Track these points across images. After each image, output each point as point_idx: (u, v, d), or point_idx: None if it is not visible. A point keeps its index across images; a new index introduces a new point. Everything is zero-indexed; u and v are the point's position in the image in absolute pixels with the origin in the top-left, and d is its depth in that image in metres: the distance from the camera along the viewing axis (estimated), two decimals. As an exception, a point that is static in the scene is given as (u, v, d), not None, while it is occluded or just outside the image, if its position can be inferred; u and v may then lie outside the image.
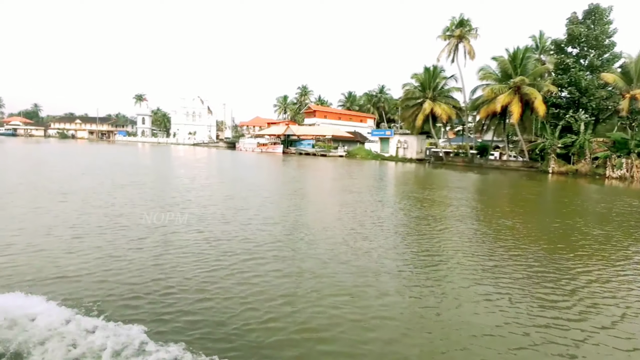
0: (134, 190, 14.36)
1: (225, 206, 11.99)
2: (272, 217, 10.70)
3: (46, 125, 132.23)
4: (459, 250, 7.94)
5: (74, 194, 12.79)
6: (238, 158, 46.02)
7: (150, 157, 43.22)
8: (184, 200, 12.60)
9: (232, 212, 10.90)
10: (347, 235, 8.86)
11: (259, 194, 15.20)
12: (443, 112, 40.21)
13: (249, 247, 7.48)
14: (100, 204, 11.31)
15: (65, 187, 14.18)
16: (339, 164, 40.98)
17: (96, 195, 12.89)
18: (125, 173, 21.46)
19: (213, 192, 15.22)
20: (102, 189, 14.43)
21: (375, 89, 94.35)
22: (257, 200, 13.36)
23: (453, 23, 38.98)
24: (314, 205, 13.75)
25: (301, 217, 11.02)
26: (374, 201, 14.67)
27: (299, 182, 22.24)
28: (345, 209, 12.41)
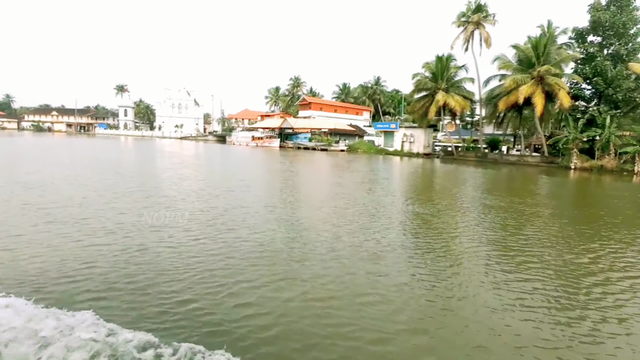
0: (124, 204, 11.12)
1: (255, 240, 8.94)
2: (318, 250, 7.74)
3: (19, 117, 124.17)
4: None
5: (58, 213, 9.51)
6: (233, 153, 42.53)
7: (135, 153, 39.29)
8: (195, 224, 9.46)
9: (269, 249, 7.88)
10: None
11: (283, 214, 12.17)
12: (457, 104, 37.70)
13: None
14: (96, 227, 8.16)
15: (46, 199, 10.88)
16: (345, 159, 38.09)
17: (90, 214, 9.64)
18: (112, 175, 18.03)
19: (227, 212, 11.99)
20: (92, 203, 11.14)
21: (370, 81, 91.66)
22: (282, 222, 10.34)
23: (469, 8, 36.28)
24: (353, 224, 10.77)
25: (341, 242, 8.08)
26: (434, 212, 11.86)
27: (317, 187, 19.18)
28: (400, 225, 9.54)
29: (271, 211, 10.80)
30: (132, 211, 9.81)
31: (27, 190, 12.13)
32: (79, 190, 12.60)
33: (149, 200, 11.41)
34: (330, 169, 26.87)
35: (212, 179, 18.91)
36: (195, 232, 8.08)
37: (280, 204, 12.23)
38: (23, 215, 8.89)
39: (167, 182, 16.22)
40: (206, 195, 12.92)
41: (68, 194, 11.91)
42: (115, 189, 13.08)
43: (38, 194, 11.64)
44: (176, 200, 11.64)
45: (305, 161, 33.74)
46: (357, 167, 29.66)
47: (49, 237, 7.29)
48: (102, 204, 10.45)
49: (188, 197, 12.26)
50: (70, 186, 13.49)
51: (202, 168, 24.51)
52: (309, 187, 17.66)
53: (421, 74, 40.43)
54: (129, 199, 11.49)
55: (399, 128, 49.14)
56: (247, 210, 10.62)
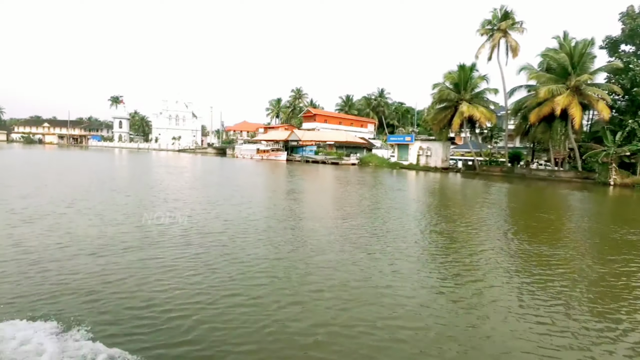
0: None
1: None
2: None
3: (9, 128, 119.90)
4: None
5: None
6: (243, 169, 39.61)
7: (137, 168, 36.15)
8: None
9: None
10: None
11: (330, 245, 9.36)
12: (482, 116, 35.46)
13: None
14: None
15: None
16: (360, 174, 35.45)
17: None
18: (125, 204, 15.07)
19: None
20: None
21: (374, 93, 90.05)
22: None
23: (495, 16, 34.43)
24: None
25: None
26: (497, 237, 9.12)
27: (353, 209, 16.35)
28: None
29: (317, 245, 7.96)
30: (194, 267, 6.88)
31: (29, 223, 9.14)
32: (90, 224, 9.64)
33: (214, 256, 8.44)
34: (353, 186, 24.07)
35: (257, 204, 16.03)
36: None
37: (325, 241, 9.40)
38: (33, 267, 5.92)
39: (209, 217, 13.26)
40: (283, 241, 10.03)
41: (80, 231, 8.96)
42: (140, 229, 10.09)
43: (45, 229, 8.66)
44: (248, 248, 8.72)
45: (321, 177, 30.98)
46: (377, 183, 26.97)
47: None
48: (139, 259, 7.49)
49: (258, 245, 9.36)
50: (79, 217, 10.52)
51: (233, 190, 21.58)
52: (347, 210, 14.85)
53: (442, 84, 38.28)
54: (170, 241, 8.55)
55: (414, 141, 46.81)
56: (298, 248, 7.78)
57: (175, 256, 7.29)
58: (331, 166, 47.51)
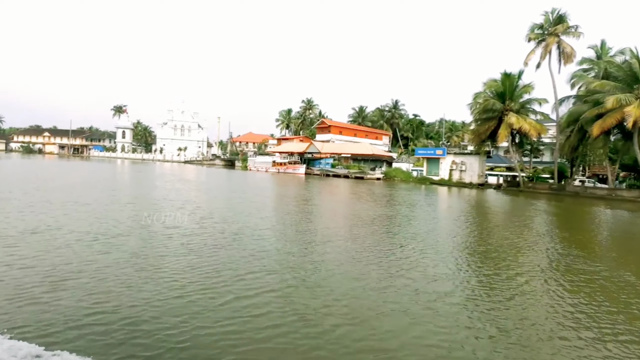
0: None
1: None
2: None
3: (8, 138, 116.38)
4: None
5: None
6: (260, 183, 35.97)
7: (138, 180, 32.44)
8: None
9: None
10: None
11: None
12: (532, 128, 32.09)
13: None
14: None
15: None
16: (391, 190, 31.91)
17: None
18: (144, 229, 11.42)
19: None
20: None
21: (388, 104, 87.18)
22: None
23: (547, 19, 31.38)
24: None
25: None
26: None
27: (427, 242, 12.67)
28: None
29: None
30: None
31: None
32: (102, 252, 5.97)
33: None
34: (399, 208, 20.42)
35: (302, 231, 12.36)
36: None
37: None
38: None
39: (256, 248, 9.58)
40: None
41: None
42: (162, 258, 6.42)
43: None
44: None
45: (355, 195, 27.31)
46: (428, 205, 23.32)
47: None
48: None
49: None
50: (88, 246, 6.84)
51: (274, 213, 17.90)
52: (419, 242, 11.19)
53: (483, 93, 35.07)
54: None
55: (446, 154, 43.40)
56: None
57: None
58: (355, 181, 43.92)
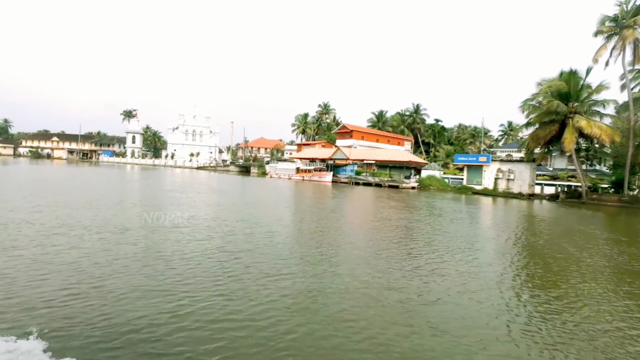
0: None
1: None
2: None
3: (16, 142, 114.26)
4: None
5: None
6: (289, 192, 32.46)
7: (154, 189, 28.96)
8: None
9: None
10: None
11: None
12: (603, 133, 28.34)
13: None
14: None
15: None
16: (436, 200, 28.31)
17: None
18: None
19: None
20: None
21: (409, 108, 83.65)
22: None
23: (623, 10, 27.73)
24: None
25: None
26: None
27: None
28: None
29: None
30: None
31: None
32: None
33: None
34: (473, 228, 16.72)
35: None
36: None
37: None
38: None
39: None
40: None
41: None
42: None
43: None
44: None
45: (401, 207, 23.65)
46: (489, 220, 19.58)
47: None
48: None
49: None
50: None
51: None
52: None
53: (543, 94, 31.38)
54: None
55: (490, 161, 39.66)
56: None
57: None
58: (389, 190, 40.25)
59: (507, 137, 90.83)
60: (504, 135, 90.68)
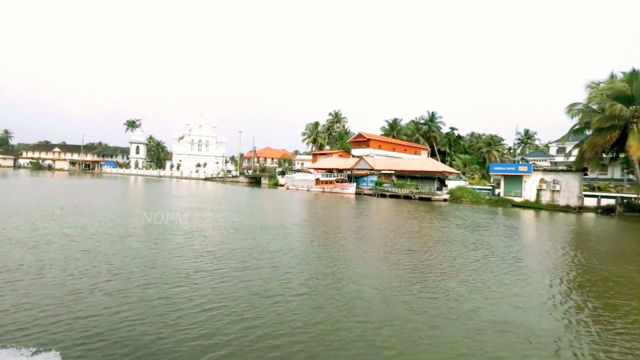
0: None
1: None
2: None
3: (17, 154, 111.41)
4: None
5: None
6: (315, 206, 29.21)
7: (167, 202, 25.68)
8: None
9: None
10: None
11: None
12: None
13: None
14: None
15: None
16: (485, 216, 24.93)
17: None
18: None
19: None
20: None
21: (424, 116, 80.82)
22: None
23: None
24: None
25: None
26: None
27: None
28: None
29: None
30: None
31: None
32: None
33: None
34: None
35: None
36: None
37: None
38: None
39: None
40: None
41: None
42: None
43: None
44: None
45: (460, 226, 20.39)
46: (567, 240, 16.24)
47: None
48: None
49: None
50: None
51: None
52: None
53: (599, 97, 28.39)
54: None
55: (532, 171, 36.50)
56: None
57: None
58: (419, 203, 36.97)
59: (524, 145, 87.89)
60: (520, 143, 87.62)
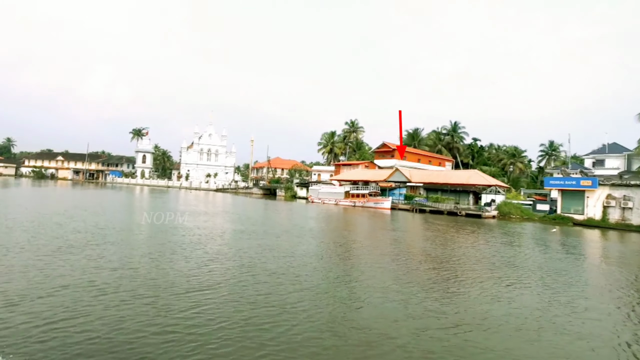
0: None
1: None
2: None
3: (19, 162, 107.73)
4: None
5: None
6: (361, 225, 25.19)
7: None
8: None
9: None
10: None
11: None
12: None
13: None
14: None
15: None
16: (561, 242, 20.82)
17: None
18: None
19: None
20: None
21: (446, 126, 77.24)
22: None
23: None
24: None
25: None
26: None
27: None
28: None
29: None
30: None
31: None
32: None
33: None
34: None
35: None
36: None
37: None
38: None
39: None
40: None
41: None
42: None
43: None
44: None
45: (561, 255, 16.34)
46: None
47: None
48: None
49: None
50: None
51: None
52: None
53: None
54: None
55: (598, 186, 32.56)
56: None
57: None
58: (467, 220, 32.93)
59: (549, 158, 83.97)
60: (544, 155, 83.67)
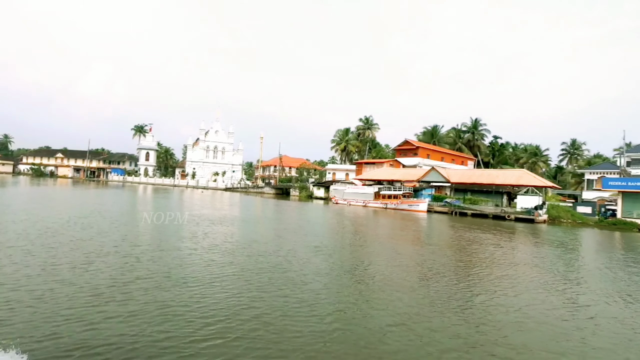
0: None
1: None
2: None
3: (16, 159, 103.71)
4: None
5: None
6: (421, 235, 21.60)
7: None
8: None
9: None
10: None
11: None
12: None
13: None
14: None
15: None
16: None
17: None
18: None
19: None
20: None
21: (466, 123, 73.72)
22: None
23: None
24: None
25: None
26: None
27: None
28: None
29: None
30: None
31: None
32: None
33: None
34: None
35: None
36: None
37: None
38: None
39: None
40: None
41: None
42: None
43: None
44: None
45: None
46: None
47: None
48: None
49: None
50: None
51: None
52: None
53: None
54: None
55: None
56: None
57: None
58: (516, 224, 29.40)
59: (571, 157, 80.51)
60: (566, 154, 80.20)
